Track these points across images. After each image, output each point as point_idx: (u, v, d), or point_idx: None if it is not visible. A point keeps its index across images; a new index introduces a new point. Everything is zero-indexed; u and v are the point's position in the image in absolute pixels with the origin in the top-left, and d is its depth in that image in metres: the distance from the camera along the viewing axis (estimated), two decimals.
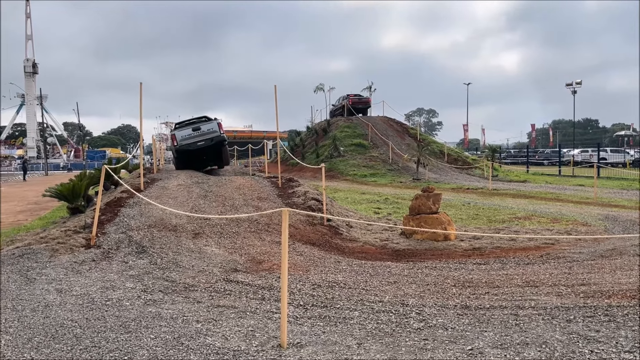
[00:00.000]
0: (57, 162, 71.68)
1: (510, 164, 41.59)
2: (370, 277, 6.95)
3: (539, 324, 4.90)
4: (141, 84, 11.90)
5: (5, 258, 7.57)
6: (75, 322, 4.95)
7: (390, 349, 4.36)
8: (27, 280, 6.53)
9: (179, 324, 4.97)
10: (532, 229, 10.55)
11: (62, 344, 4.41)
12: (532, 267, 7.28)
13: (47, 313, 5.23)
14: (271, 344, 4.46)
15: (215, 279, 6.70)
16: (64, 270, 6.96)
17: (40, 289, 6.11)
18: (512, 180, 27.13)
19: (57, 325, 4.86)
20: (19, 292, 5.99)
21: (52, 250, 7.80)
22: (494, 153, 32.21)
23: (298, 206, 11.18)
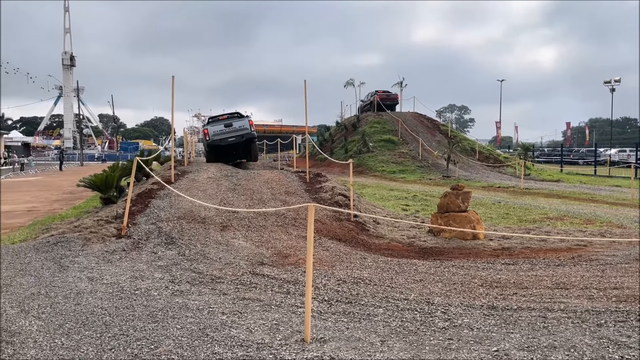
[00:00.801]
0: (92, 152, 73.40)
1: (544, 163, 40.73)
2: (396, 274, 6.91)
3: (568, 327, 4.79)
4: (173, 77, 12.06)
5: (41, 245, 7.81)
6: (105, 310, 5.07)
7: (414, 348, 4.33)
8: (60, 267, 6.72)
9: (205, 315, 5.04)
10: (564, 230, 10.31)
11: (92, 330, 4.53)
12: (563, 269, 7.12)
13: (79, 300, 5.37)
14: (295, 338, 4.48)
15: (241, 271, 6.77)
16: (95, 259, 7.14)
17: (72, 277, 6.28)
18: (544, 180, 26.56)
19: (88, 313, 4.99)
20: (53, 279, 6.17)
21: (85, 239, 8.00)
22: (527, 151, 31.55)
23: (325, 201, 11.19)
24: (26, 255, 7.30)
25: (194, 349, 4.17)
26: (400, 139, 34.33)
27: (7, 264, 6.85)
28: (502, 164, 31.43)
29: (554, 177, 28.24)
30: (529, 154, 34.03)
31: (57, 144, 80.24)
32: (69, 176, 30.89)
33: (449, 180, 25.58)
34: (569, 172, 32.66)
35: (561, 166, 35.19)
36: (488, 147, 36.96)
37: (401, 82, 43.36)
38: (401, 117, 38.23)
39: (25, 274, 6.40)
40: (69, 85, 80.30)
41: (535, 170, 32.22)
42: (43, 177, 31.60)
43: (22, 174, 35.18)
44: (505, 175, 28.57)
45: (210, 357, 4.03)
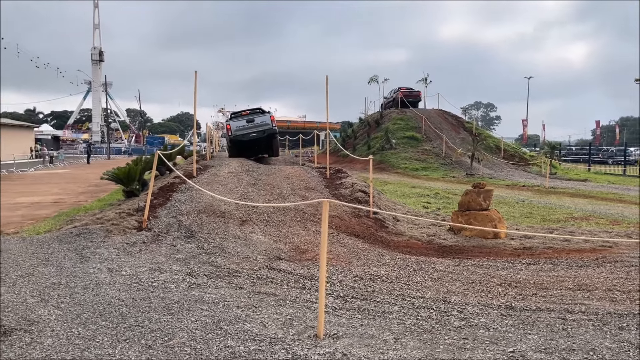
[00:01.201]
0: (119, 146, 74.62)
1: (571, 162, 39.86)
2: (414, 272, 6.84)
3: (588, 330, 4.68)
4: (196, 72, 12.17)
5: (64, 236, 7.96)
6: (122, 301, 5.14)
7: (427, 346, 4.28)
8: (82, 258, 6.84)
9: (220, 308, 5.06)
10: (589, 230, 10.07)
11: (108, 321, 4.59)
12: (586, 270, 6.96)
13: (97, 291, 5.46)
14: (308, 333, 4.47)
15: (258, 266, 6.79)
16: (116, 250, 7.24)
17: (93, 268, 6.38)
18: (571, 179, 26.01)
19: (105, 303, 5.06)
20: (73, 270, 6.28)
21: (107, 231, 8.13)
22: (553, 150, 30.92)
23: (345, 197, 11.15)
24: (49, 246, 7.45)
25: (207, 342, 4.20)
26: (424, 136, 34.00)
27: (31, 254, 7.00)
28: (528, 163, 30.88)
29: (581, 176, 27.62)
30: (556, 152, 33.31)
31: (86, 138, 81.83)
32: (96, 169, 31.45)
33: (473, 178, 25.24)
34: (597, 172, 31.89)
35: (589, 165, 34.38)
36: (513, 145, 36.35)
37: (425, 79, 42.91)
38: (425, 113, 37.85)
39: (47, 264, 6.53)
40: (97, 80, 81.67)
41: (562, 169, 31.58)
42: (71, 170, 32.26)
43: (52, 167, 35.97)
44: (530, 174, 28.07)
45: (223, 351, 4.05)
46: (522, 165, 30.35)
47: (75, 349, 3.97)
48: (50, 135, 65.02)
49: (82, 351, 3.94)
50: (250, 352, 4.04)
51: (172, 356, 3.91)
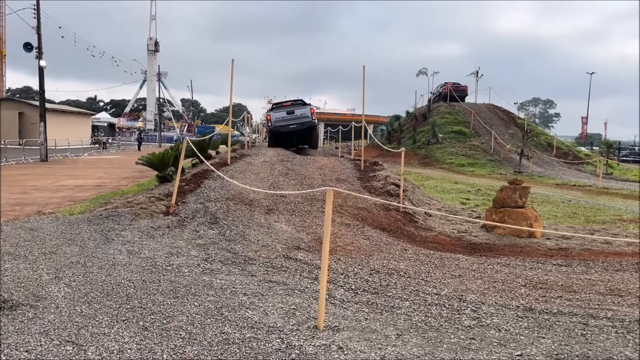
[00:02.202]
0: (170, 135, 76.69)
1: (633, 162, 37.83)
2: (435, 268, 6.61)
3: (609, 337, 4.35)
4: (233, 60, 12.24)
5: (94, 218, 8.17)
6: (132, 283, 5.20)
7: (430, 344, 4.09)
8: (105, 240, 6.99)
9: (226, 294, 5.03)
10: (635, 233, 9.46)
11: (113, 301, 4.64)
12: (622, 274, 6.51)
13: (111, 272, 5.54)
14: (308, 324, 4.37)
15: (275, 254, 6.73)
16: (139, 233, 7.36)
17: (114, 249, 6.51)
18: (628, 180, 24.68)
19: (115, 284, 5.13)
20: (95, 251, 6.42)
21: (134, 215, 8.28)
22: (609, 148, 29.39)
23: (376, 190, 10.95)
24: (78, 226, 7.66)
25: (204, 327, 4.16)
26: (472, 131, 33.10)
27: (59, 234, 7.21)
28: (582, 162, 29.52)
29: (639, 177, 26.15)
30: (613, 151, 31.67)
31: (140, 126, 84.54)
32: None
33: (521, 175, 24.37)
34: None
35: None
36: (567, 143, 34.81)
37: (477, 72, 41.76)
38: (475, 108, 36.85)
39: (71, 243, 6.71)
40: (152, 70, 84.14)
41: (620, 169, 30.03)
42: (121, 156, 33.38)
43: (104, 152, 37.37)
44: (583, 174, 26.83)
45: (217, 336, 4.01)
46: (575, 164, 29.05)
47: (73, 326, 4.03)
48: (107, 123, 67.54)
49: (79, 329, 3.99)
50: (244, 340, 3.97)
51: (165, 339, 3.89)
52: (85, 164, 24.16)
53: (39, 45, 25.16)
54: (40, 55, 25.09)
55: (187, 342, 3.87)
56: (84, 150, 35.22)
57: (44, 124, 25.17)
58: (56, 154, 28.39)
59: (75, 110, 53.41)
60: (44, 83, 25.54)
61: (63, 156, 28.94)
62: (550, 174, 25.15)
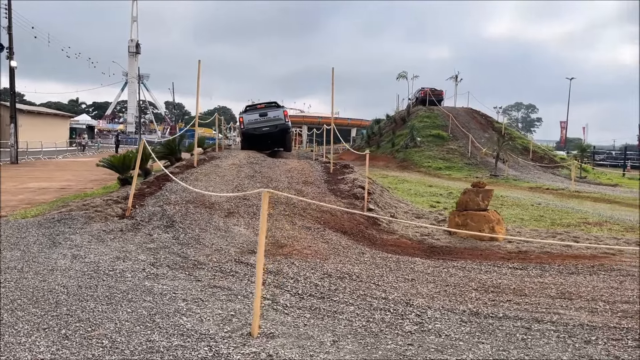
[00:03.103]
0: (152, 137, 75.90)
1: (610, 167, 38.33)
2: (389, 271, 6.50)
3: (549, 342, 4.27)
4: (199, 61, 12.05)
5: (45, 221, 7.93)
6: (66, 289, 5.00)
7: (365, 351, 3.97)
8: (52, 244, 6.76)
9: (164, 300, 4.86)
10: (597, 237, 9.47)
11: (39, 308, 4.45)
12: (576, 278, 6.48)
13: (47, 277, 5.34)
14: (243, 331, 4.22)
15: (227, 259, 6.57)
16: (89, 237, 7.15)
17: (57, 254, 6.29)
18: (601, 183, 24.94)
19: (47, 290, 4.93)
20: (37, 255, 6.20)
21: (88, 218, 8.06)
22: (583, 152, 29.70)
23: (343, 193, 10.84)
24: (27, 230, 7.42)
25: (130, 335, 3.99)
26: (450, 134, 33.22)
27: (4, 238, 6.97)
28: (557, 165, 29.78)
29: (613, 181, 26.48)
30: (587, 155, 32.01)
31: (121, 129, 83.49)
32: None
33: (497, 179, 24.50)
34: (632, 177, 30.53)
35: (623, 170, 32.94)
36: (543, 147, 35.11)
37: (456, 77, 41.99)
38: (453, 112, 37.03)
39: (14, 248, 6.48)
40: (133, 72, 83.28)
41: (594, 173, 30.38)
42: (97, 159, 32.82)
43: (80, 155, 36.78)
44: (558, 177, 27.04)
45: (142, 345, 3.84)
46: (551, 168, 29.29)
47: None
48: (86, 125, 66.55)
49: None
50: (170, 348, 3.81)
51: (85, 348, 3.72)
52: (56, 167, 23.70)
53: (10, 46, 24.66)
54: (11, 55, 24.60)
55: (107, 351, 3.70)
56: (59, 152, 34.61)
57: (14, 126, 24.66)
58: (28, 156, 27.85)
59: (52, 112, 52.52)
60: (15, 84, 25.06)
61: (35, 158, 28.40)
62: (525, 178, 25.29)
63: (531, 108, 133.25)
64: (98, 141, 58.82)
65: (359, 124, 75.34)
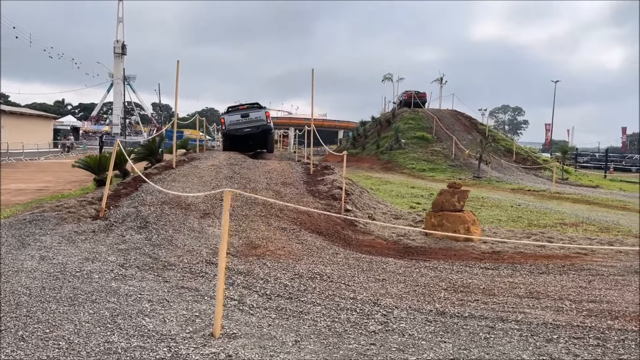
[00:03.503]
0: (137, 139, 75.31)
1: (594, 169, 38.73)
2: (361, 272, 6.51)
3: (511, 341, 4.30)
4: (178, 62, 11.98)
5: (16, 222, 7.81)
6: (29, 290, 4.94)
7: (327, 351, 3.97)
8: (20, 245, 6.67)
9: (129, 301, 4.82)
10: (571, 237, 9.56)
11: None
12: (546, 277, 6.53)
13: (10, 279, 5.26)
14: (205, 332, 4.19)
15: (199, 260, 6.53)
16: (60, 238, 7.06)
17: (25, 255, 6.20)
18: (582, 185, 25.19)
19: (9, 292, 4.86)
20: (4, 257, 6.11)
21: (60, 219, 7.97)
22: (565, 154, 30.02)
23: (321, 194, 10.84)
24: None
25: (89, 336, 3.95)
26: (435, 136, 33.39)
27: None
28: (540, 167, 30.06)
29: (594, 182, 26.77)
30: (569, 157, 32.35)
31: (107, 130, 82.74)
32: None
33: (480, 180, 24.67)
34: (613, 179, 30.89)
35: (605, 172, 33.34)
36: (526, 149, 35.41)
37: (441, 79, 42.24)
38: (438, 114, 37.23)
39: None
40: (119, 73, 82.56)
41: (576, 174, 30.69)
42: None
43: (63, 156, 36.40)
44: (541, 179, 27.28)
45: (100, 346, 3.80)
46: (533, 170, 29.55)
47: None
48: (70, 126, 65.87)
49: None
50: (129, 349, 3.78)
51: (40, 349, 3.67)
52: (38, 168, 23.44)
53: None
54: None
55: (63, 352, 3.66)
56: (41, 153, 34.24)
57: None
58: (9, 157, 27.52)
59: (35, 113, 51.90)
60: None
61: (17, 160, 28.06)
62: (508, 179, 25.49)
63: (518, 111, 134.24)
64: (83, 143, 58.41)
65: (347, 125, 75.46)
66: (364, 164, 31.79)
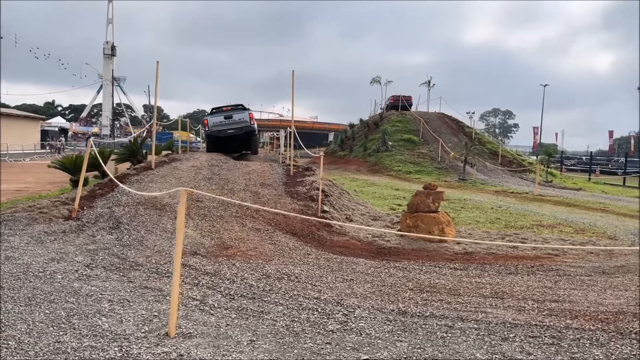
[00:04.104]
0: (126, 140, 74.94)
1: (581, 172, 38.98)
2: (330, 272, 6.51)
3: (467, 339, 4.32)
4: (158, 62, 11.96)
5: None
6: None
7: (281, 350, 3.96)
8: None
9: (88, 302, 4.79)
10: (545, 238, 9.64)
11: None
12: (513, 278, 6.57)
13: None
14: (161, 332, 4.18)
15: (167, 260, 6.51)
16: (28, 239, 7.01)
17: None
18: (566, 187, 25.36)
19: None
20: None
21: (31, 219, 7.91)
22: (549, 157, 30.24)
23: (299, 195, 10.84)
24: None
25: (40, 336, 3.92)
26: (421, 139, 33.51)
27: None
28: (525, 169, 30.25)
29: (578, 185, 26.96)
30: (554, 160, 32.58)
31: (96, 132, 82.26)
32: None
33: (465, 182, 24.78)
34: (597, 182, 31.15)
35: (589, 175, 33.62)
36: (512, 152, 35.62)
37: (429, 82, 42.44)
38: (425, 117, 37.39)
39: None
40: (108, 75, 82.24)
41: (561, 177, 30.91)
42: None
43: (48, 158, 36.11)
44: (525, 181, 27.45)
45: (50, 346, 3.77)
46: (518, 172, 29.73)
47: None
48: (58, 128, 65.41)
49: None
50: (79, 349, 3.76)
51: None
52: (21, 169, 23.26)
53: None
54: None
55: (11, 352, 3.63)
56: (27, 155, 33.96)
57: None
58: None
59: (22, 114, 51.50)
60: None
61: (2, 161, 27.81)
62: (492, 182, 25.62)
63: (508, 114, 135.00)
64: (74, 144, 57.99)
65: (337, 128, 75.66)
66: (351, 166, 31.85)
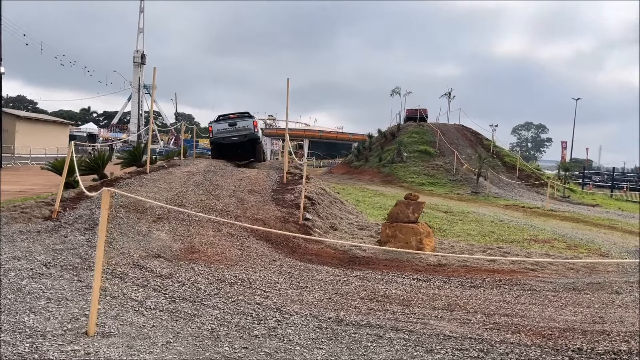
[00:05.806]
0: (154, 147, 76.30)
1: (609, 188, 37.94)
2: (288, 279, 6.48)
3: (391, 350, 4.24)
4: (155, 68, 12.17)
5: None
6: None
7: (195, 352, 3.96)
8: None
9: (26, 299, 4.87)
10: (529, 252, 9.39)
11: None
12: (474, 290, 6.42)
13: None
14: (80, 330, 4.21)
15: (126, 262, 6.58)
16: None
17: None
18: (582, 203, 24.71)
19: None
20: None
21: (11, 219, 8.11)
22: (567, 171, 29.52)
23: (286, 202, 10.84)
24: None
25: None
26: (437, 150, 33.16)
27: None
28: (542, 183, 29.59)
29: (596, 201, 26.23)
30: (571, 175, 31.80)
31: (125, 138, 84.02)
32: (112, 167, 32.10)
33: (477, 196, 24.40)
34: (619, 198, 30.25)
35: (611, 191, 32.67)
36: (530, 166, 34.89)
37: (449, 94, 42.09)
38: (443, 128, 37.02)
39: None
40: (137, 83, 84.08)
41: (580, 193, 30.12)
42: None
43: None
44: (542, 196, 26.83)
45: None
46: (535, 187, 29.10)
47: None
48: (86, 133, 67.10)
49: None
50: None
51: None
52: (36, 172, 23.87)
53: None
54: None
55: None
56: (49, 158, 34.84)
57: None
58: (14, 161, 28.12)
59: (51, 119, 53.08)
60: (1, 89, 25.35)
61: (23, 163, 28.67)
62: (506, 195, 25.15)
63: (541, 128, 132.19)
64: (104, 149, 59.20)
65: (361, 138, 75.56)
66: (365, 176, 31.73)
